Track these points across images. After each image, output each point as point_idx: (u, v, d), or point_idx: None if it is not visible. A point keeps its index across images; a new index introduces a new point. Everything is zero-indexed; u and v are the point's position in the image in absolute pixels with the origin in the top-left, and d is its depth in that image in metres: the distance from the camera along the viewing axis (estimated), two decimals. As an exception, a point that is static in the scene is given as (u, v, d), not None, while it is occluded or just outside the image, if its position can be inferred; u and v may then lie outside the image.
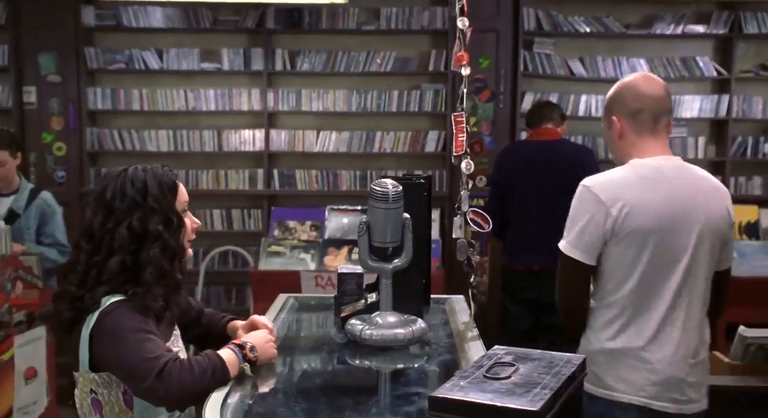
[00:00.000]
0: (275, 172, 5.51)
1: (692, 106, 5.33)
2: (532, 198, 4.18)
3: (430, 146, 5.45)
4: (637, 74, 2.45)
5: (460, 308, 2.66)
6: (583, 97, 5.35)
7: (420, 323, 2.23)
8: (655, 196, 2.17)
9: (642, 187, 2.19)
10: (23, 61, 5.40)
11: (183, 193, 1.98)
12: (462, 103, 2.54)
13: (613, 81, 5.40)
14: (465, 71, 2.51)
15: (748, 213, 5.01)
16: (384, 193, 2.15)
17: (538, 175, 4.17)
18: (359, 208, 4.88)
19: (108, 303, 1.81)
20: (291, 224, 5.23)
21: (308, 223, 5.06)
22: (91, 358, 1.82)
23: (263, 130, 5.46)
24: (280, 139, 5.49)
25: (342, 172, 5.48)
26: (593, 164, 4.26)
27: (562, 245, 2.27)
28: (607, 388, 2.19)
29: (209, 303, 5.47)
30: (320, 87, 5.45)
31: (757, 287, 4.49)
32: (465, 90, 2.53)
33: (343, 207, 4.95)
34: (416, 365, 2.12)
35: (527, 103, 5.28)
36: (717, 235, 2.21)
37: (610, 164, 4.81)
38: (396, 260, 2.23)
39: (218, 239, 5.46)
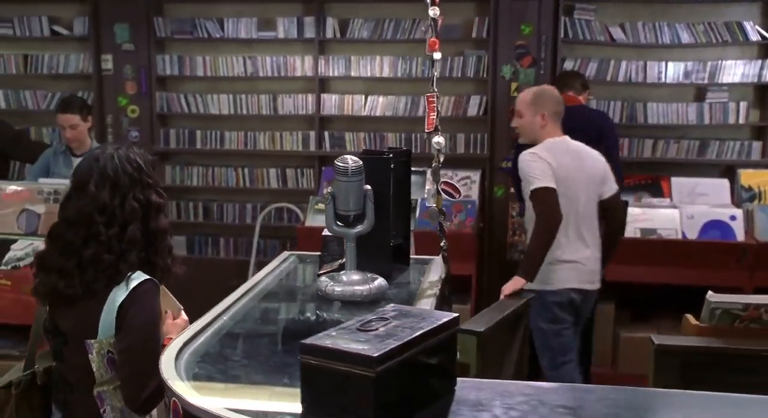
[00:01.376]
0: (326, 134, 5.87)
1: (734, 71, 5.31)
2: None
3: (473, 110, 5.66)
4: (549, 86, 3.98)
5: (436, 269, 2.95)
6: (623, 63, 5.42)
7: (379, 282, 2.55)
8: (566, 160, 3.58)
9: (559, 154, 3.58)
10: (101, 31, 5.92)
11: None
12: (433, 84, 2.77)
13: (653, 46, 5.52)
14: (437, 56, 2.75)
15: (788, 178, 5.06)
16: (344, 168, 2.46)
17: None
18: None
19: (139, 281, 2.09)
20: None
21: (356, 183, 5.39)
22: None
23: (315, 95, 5.81)
24: (330, 103, 5.83)
25: (388, 135, 5.77)
26: (610, 129, 4.43)
27: (538, 185, 3.46)
28: (556, 283, 3.56)
29: (266, 254, 5.94)
30: (368, 54, 5.73)
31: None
32: (437, 73, 2.76)
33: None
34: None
35: (567, 69, 5.40)
36: (597, 180, 3.65)
37: (645, 129, 5.12)
38: (358, 226, 2.55)
39: (273, 196, 5.90)
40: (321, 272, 2.72)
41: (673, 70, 5.39)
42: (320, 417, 1.57)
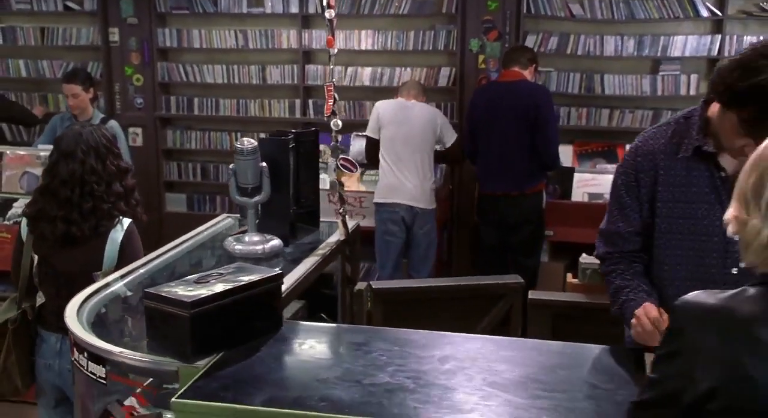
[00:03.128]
0: (310, 102, 6.36)
1: (687, 45, 5.60)
2: (492, 132, 4.81)
3: (443, 81, 6.08)
4: (410, 80, 5.55)
5: (338, 232, 3.44)
6: (582, 37, 5.74)
7: (274, 242, 3.06)
8: (391, 113, 4.96)
9: (390, 109, 5.00)
10: (108, 7, 6.46)
11: None
12: (331, 75, 3.23)
13: (609, 22, 5.83)
14: (333, 51, 3.22)
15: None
16: (241, 149, 2.97)
17: (497, 113, 4.77)
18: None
19: (128, 223, 2.86)
20: (321, 147, 6.07)
21: (336, 146, 5.89)
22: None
23: (300, 66, 6.28)
24: (314, 73, 6.30)
25: (366, 103, 6.20)
26: (547, 103, 4.77)
27: (367, 133, 5.06)
28: (392, 198, 4.91)
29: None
30: (347, 28, 6.14)
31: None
32: (333, 67, 3.22)
33: (365, 133, 5.74)
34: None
35: (529, 42, 5.76)
36: (430, 128, 4.95)
37: (602, 99, 6.21)
38: (257, 197, 3.06)
39: (263, 159, 6.42)
40: (233, 233, 3.25)
41: (628, 44, 5.70)
42: (157, 347, 2.10)
